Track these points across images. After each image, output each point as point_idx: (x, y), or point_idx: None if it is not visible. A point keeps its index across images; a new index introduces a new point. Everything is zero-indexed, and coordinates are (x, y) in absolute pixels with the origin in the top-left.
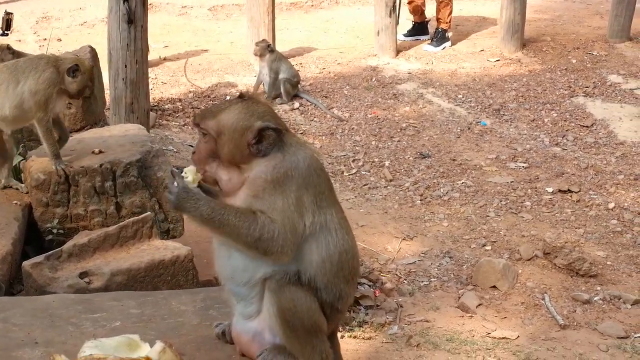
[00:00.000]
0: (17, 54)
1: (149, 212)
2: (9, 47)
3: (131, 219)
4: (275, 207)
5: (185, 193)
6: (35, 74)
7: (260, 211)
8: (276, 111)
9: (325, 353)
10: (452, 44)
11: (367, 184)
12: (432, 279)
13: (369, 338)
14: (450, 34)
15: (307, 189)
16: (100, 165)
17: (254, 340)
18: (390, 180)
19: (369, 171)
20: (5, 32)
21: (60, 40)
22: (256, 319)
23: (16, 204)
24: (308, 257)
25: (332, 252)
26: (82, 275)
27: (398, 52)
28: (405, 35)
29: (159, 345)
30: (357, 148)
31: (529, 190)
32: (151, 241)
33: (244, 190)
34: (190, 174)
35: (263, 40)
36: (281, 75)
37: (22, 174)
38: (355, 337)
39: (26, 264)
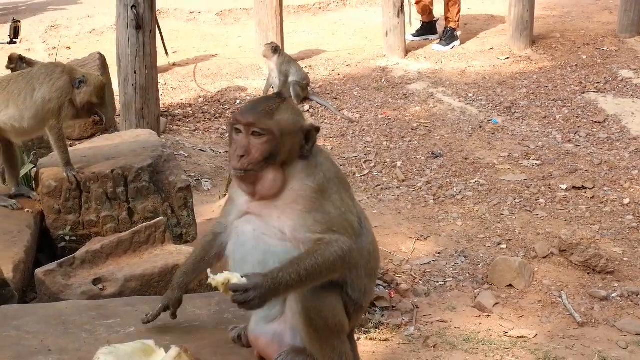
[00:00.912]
0: (30, 63)
1: (161, 217)
2: (21, 57)
3: (144, 224)
4: (331, 216)
5: (258, 289)
6: (50, 81)
7: (318, 238)
8: None
9: (345, 355)
10: (461, 43)
11: (379, 185)
12: (448, 279)
13: (386, 339)
14: (459, 33)
15: (343, 186)
16: (112, 171)
17: (273, 342)
18: (403, 181)
19: (381, 172)
20: (14, 40)
21: (69, 48)
22: (277, 321)
23: (28, 211)
24: None
25: (363, 244)
26: (96, 281)
27: (407, 52)
28: (414, 35)
29: (174, 350)
30: (368, 149)
31: (543, 187)
32: (164, 246)
33: (290, 206)
34: (222, 277)
35: (271, 42)
36: (291, 78)
37: (33, 182)
38: (371, 338)
39: (39, 271)
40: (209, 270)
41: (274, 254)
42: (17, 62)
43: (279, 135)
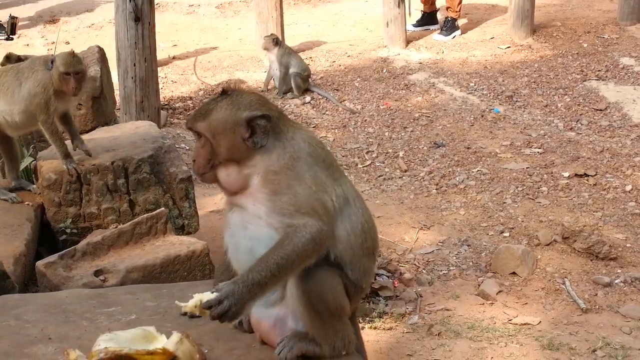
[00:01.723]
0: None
1: (162, 208)
2: (19, 58)
3: (145, 215)
4: (298, 197)
5: (231, 297)
6: (33, 75)
7: (288, 223)
8: (287, 106)
9: (348, 338)
10: (462, 33)
11: (381, 175)
12: (451, 268)
13: (390, 328)
14: (460, 23)
15: (318, 165)
16: (112, 163)
17: (276, 327)
18: (405, 171)
19: (384, 162)
20: (11, 36)
21: (68, 43)
22: (278, 305)
23: (28, 204)
24: (335, 233)
25: (354, 223)
26: (97, 273)
27: (408, 42)
28: (415, 26)
29: (175, 335)
30: (370, 140)
31: (545, 175)
32: (166, 237)
33: (259, 191)
34: (193, 301)
35: (271, 34)
36: (291, 70)
37: (33, 175)
38: (375, 328)
39: (40, 263)
40: (176, 302)
41: (259, 241)
42: (14, 62)
43: (210, 136)
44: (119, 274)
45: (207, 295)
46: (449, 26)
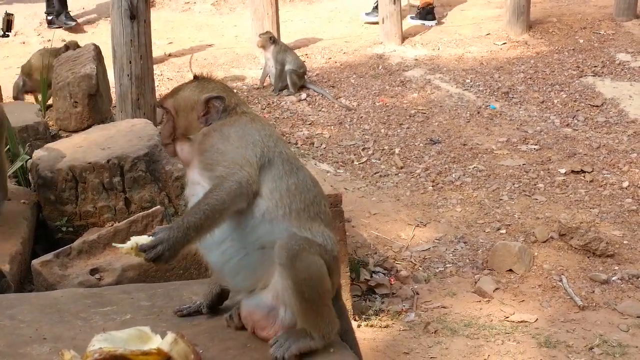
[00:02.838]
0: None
1: (158, 206)
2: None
3: (141, 214)
4: (222, 153)
5: (165, 241)
6: None
7: (212, 176)
8: (283, 103)
9: (332, 322)
10: (458, 29)
11: (377, 172)
12: (448, 265)
13: (386, 326)
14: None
15: (250, 131)
16: (108, 161)
17: (269, 317)
18: (401, 168)
19: (380, 159)
20: (6, 33)
21: (64, 40)
22: (265, 293)
23: (24, 203)
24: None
25: (278, 183)
26: (93, 271)
27: (404, 39)
28: (413, 18)
29: (170, 336)
30: (366, 137)
31: (542, 172)
32: None
33: (194, 157)
34: (130, 243)
35: (267, 32)
36: (287, 67)
37: (29, 173)
38: (372, 325)
39: (35, 262)
40: (113, 244)
41: None
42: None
43: (174, 111)
44: (115, 273)
45: (144, 239)
46: (425, 13)
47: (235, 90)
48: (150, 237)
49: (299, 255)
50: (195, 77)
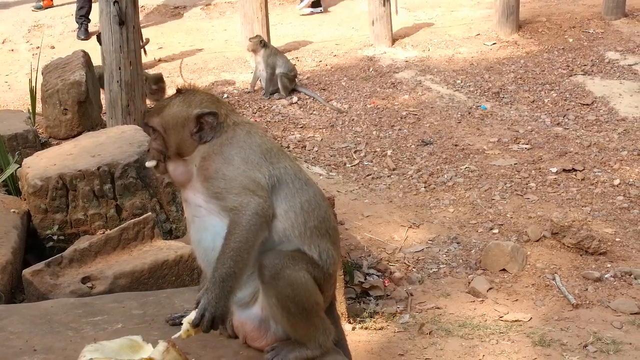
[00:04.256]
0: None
1: (149, 213)
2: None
3: (132, 221)
4: (228, 179)
5: (208, 306)
6: None
7: (225, 206)
8: (274, 106)
9: (328, 330)
10: (448, 30)
11: (370, 174)
12: (441, 266)
13: (381, 328)
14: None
15: (252, 148)
16: (98, 168)
17: (260, 328)
18: (394, 169)
19: (372, 161)
20: None
21: (53, 47)
22: (256, 304)
23: (14, 212)
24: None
25: (292, 202)
26: (85, 280)
27: (394, 40)
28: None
29: (162, 345)
30: (358, 139)
31: (533, 171)
32: (153, 242)
33: (196, 181)
34: (183, 327)
35: (256, 35)
36: (278, 70)
37: (19, 182)
38: (366, 328)
39: (26, 271)
40: (172, 337)
41: (205, 232)
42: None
43: (162, 130)
44: (107, 281)
45: (192, 314)
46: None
47: (222, 96)
48: (194, 310)
49: (281, 273)
50: (179, 91)
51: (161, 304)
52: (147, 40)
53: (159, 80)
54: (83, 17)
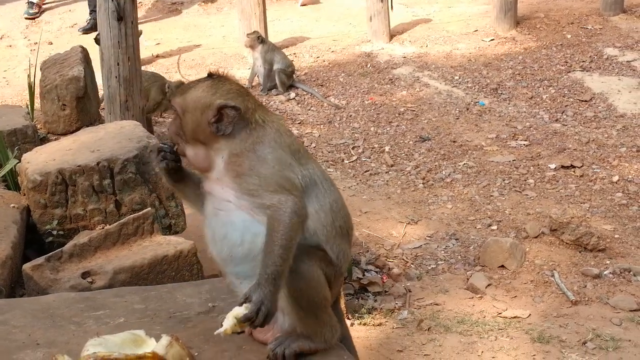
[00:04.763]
0: None
1: (149, 208)
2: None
3: (131, 216)
4: (263, 177)
5: (265, 300)
6: None
7: (262, 204)
8: (272, 102)
9: (334, 327)
10: (446, 26)
11: (368, 171)
12: (440, 262)
13: (379, 324)
14: None
15: (283, 149)
16: (98, 164)
17: None
18: (392, 166)
19: (370, 157)
20: None
21: (51, 43)
22: None
23: (14, 207)
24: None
25: (322, 202)
26: (85, 275)
27: (392, 36)
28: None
29: (165, 339)
30: (356, 135)
31: (532, 167)
32: (153, 237)
33: (225, 175)
34: (229, 322)
35: (254, 31)
36: (275, 66)
37: (18, 177)
38: (365, 324)
39: (26, 266)
40: (215, 332)
41: (232, 225)
42: None
43: (181, 112)
44: (107, 276)
45: (240, 310)
46: None
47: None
48: (245, 304)
49: (296, 268)
50: (210, 75)
51: (163, 299)
52: (140, 32)
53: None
54: (94, 12)
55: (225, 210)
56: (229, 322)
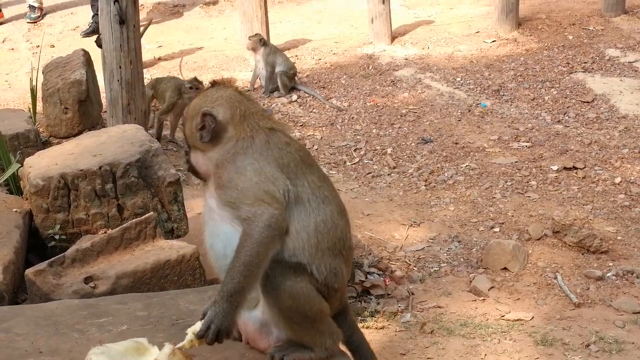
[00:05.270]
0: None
1: (151, 212)
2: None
3: (134, 220)
4: (240, 189)
5: (215, 318)
6: None
7: (238, 216)
8: (274, 105)
9: (335, 334)
10: (447, 28)
11: (370, 173)
12: (442, 264)
13: (382, 327)
14: None
15: (267, 161)
16: (100, 168)
17: (262, 331)
18: (394, 168)
19: (372, 159)
20: None
21: (53, 46)
22: (257, 307)
23: (16, 211)
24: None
25: (306, 222)
26: (87, 280)
27: (393, 38)
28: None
29: (167, 347)
30: (358, 137)
31: (534, 169)
32: (155, 242)
33: (212, 184)
34: (187, 337)
35: (256, 34)
36: (277, 69)
37: (20, 182)
38: (368, 327)
39: (29, 271)
40: (176, 347)
41: (217, 237)
42: None
43: (184, 117)
44: (109, 281)
45: (198, 326)
46: None
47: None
48: (200, 321)
49: (282, 285)
50: (213, 83)
51: (165, 306)
52: (151, 21)
53: (193, 81)
54: (97, 15)
55: (213, 220)
56: (188, 337)
